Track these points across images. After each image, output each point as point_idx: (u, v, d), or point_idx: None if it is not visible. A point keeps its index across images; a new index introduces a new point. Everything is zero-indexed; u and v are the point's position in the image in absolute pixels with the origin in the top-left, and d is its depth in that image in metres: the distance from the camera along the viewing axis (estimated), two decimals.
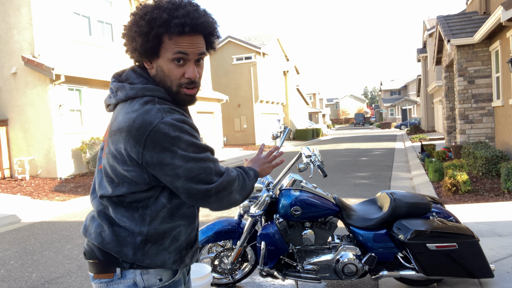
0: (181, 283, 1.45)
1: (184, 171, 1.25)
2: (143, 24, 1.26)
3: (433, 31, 23.35)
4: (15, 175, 11.37)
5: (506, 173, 6.61)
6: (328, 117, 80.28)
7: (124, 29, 1.34)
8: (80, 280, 4.11)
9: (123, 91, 1.32)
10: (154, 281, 1.34)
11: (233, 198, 1.37)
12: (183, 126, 1.26)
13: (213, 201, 1.32)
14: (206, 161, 1.30)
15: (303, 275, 3.17)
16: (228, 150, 21.35)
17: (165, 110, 1.27)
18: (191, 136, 1.27)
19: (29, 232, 6.36)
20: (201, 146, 1.30)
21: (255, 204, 3.20)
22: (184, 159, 1.25)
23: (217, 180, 1.32)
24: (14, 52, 11.19)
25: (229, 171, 1.38)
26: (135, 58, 1.36)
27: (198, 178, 1.28)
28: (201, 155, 1.29)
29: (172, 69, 1.30)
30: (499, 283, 3.15)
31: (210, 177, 1.30)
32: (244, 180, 1.43)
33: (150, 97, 1.30)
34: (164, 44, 1.28)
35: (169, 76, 1.31)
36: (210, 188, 1.29)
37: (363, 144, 22.78)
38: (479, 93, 11.17)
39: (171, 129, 1.22)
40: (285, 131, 3.45)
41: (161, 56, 1.29)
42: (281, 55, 32.34)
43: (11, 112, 11.53)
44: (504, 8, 7.91)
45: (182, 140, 1.24)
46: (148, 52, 1.29)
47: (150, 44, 1.27)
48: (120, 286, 1.32)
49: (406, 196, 3.18)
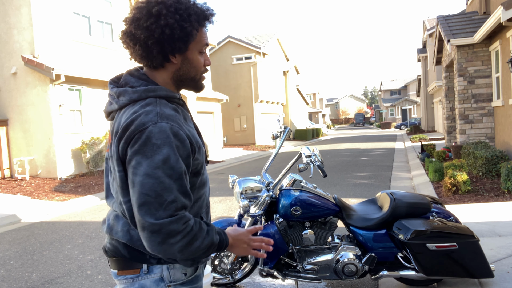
0: (201, 278, 1.50)
1: (139, 182, 1.20)
2: (178, 18, 1.29)
3: (433, 31, 23.35)
4: (15, 175, 11.37)
5: (506, 173, 6.61)
6: (328, 117, 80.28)
7: (147, 22, 1.29)
8: (80, 280, 4.11)
9: (126, 95, 1.33)
10: (180, 275, 1.37)
11: (169, 251, 1.22)
12: (170, 138, 1.22)
13: (144, 237, 1.21)
14: (167, 190, 1.20)
15: (303, 275, 3.17)
16: (228, 150, 21.35)
17: (164, 115, 1.26)
18: (173, 152, 1.21)
19: (29, 232, 6.36)
20: (176, 170, 1.22)
21: (255, 204, 3.20)
22: (147, 170, 1.20)
23: (160, 219, 1.18)
24: (14, 52, 11.19)
25: (184, 219, 1.22)
26: (156, 50, 1.31)
27: (143, 200, 1.19)
28: (166, 179, 1.20)
29: (198, 60, 1.38)
30: (499, 283, 3.15)
31: (156, 210, 1.19)
32: (195, 239, 1.24)
33: (152, 99, 1.31)
34: (194, 38, 1.34)
35: (195, 67, 1.38)
36: (145, 222, 1.19)
37: (363, 144, 22.78)
38: (479, 93, 11.17)
39: (157, 135, 1.21)
40: (285, 131, 3.45)
41: (189, 49, 1.35)
42: (281, 55, 32.34)
43: (11, 112, 11.53)
44: (504, 8, 7.91)
45: (159, 151, 1.20)
46: (177, 47, 1.32)
47: (183, 40, 1.31)
48: (147, 281, 1.34)
49: (406, 196, 3.18)
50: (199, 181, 1.40)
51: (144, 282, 1.34)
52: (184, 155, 1.26)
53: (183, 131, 1.27)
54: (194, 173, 1.36)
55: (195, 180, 1.38)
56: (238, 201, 3.21)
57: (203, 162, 1.39)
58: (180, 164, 1.23)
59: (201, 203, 1.44)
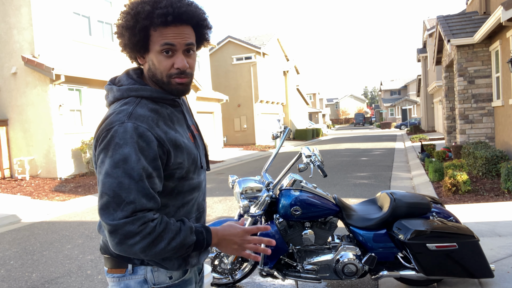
0: (191, 282, 1.44)
1: (101, 181, 1.20)
2: (129, 19, 1.27)
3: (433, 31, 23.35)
4: (15, 175, 11.37)
5: (506, 173, 6.61)
6: (328, 117, 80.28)
7: (116, 27, 1.34)
8: (80, 280, 4.11)
9: (111, 93, 1.34)
10: (164, 278, 1.35)
11: (129, 251, 1.19)
12: (133, 138, 1.20)
13: (106, 236, 1.19)
14: (125, 190, 1.17)
15: (303, 275, 3.17)
16: (228, 150, 21.35)
17: (135, 115, 1.24)
18: (134, 153, 1.19)
19: (29, 232, 6.36)
20: (137, 171, 1.18)
21: (255, 204, 3.20)
22: (108, 169, 1.19)
23: (116, 219, 1.16)
24: (14, 52, 11.19)
25: (141, 220, 1.18)
26: (128, 54, 1.35)
27: (103, 200, 1.19)
28: (126, 180, 1.17)
29: (161, 61, 1.29)
30: (499, 283, 3.15)
31: (113, 210, 1.17)
32: (159, 240, 1.20)
33: (133, 98, 1.30)
34: (152, 37, 1.28)
35: (159, 68, 1.30)
36: (103, 221, 1.18)
37: (363, 144, 22.78)
38: (479, 93, 11.17)
39: (121, 134, 1.20)
40: (285, 131, 3.45)
41: (150, 49, 1.29)
42: (281, 55, 32.34)
43: (11, 112, 11.53)
44: (504, 8, 7.91)
45: (120, 151, 1.18)
46: (138, 46, 1.30)
47: (138, 37, 1.27)
48: (131, 282, 1.34)
49: (406, 196, 3.18)
50: (187, 185, 1.36)
51: (128, 283, 1.34)
52: (150, 156, 1.21)
53: (152, 133, 1.23)
54: (179, 178, 1.32)
55: (180, 184, 1.34)
56: (238, 201, 3.21)
57: (189, 167, 1.34)
58: (143, 165, 1.20)
59: (189, 208, 1.40)
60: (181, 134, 1.34)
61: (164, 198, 1.32)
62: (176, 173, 1.31)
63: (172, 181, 1.31)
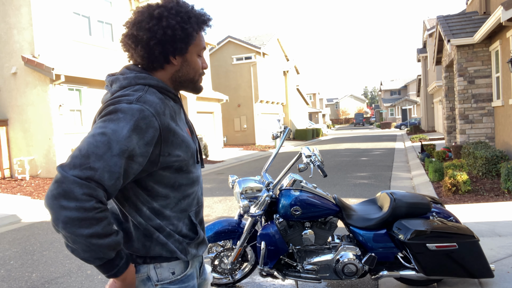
0: (194, 277, 1.47)
1: (84, 138, 1.20)
2: (179, 20, 1.34)
3: (433, 31, 23.35)
4: (15, 175, 11.37)
5: (506, 173, 6.61)
6: (328, 117, 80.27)
7: (149, 24, 1.33)
8: (80, 280, 4.12)
9: (117, 82, 1.35)
10: (167, 274, 1.37)
11: (55, 213, 1.11)
12: (134, 117, 1.21)
13: (51, 184, 1.15)
14: (95, 157, 1.14)
15: (303, 275, 3.17)
16: (228, 150, 21.35)
17: (143, 99, 1.26)
18: (128, 129, 1.19)
19: (29, 232, 6.36)
20: (120, 146, 1.17)
21: (255, 204, 3.20)
22: (95, 131, 1.19)
23: (69, 172, 1.12)
24: (14, 52, 11.19)
25: (89, 192, 1.12)
26: (158, 51, 1.34)
27: (74, 153, 1.16)
28: (103, 147, 1.15)
29: (196, 62, 1.44)
30: (499, 283, 3.15)
31: (73, 165, 1.13)
32: (87, 223, 1.12)
33: (141, 86, 1.33)
34: (194, 39, 1.40)
35: (194, 68, 1.43)
36: (58, 168, 1.14)
37: (363, 144, 22.78)
38: (479, 93, 11.17)
39: (124, 110, 1.22)
40: (285, 131, 3.45)
41: (189, 51, 1.41)
42: (281, 55, 32.34)
43: (11, 112, 11.53)
44: (504, 8, 7.91)
45: (116, 122, 1.19)
46: (181, 48, 1.37)
47: (185, 41, 1.36)
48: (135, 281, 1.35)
49: (406, 196, 3.18)
50: (186, 178, 1.40)
51: None
52: (144, 140, 1.22)
53: (157, 119, 1.25)
54: (177, 170, 1.35)
55: (180, 177, 1.37)
56: (238, 201, 3.21)
57: (188, 160, 1.38)
58: (130, 144, 1.19)
59: (190, 201, 1.44)
60: (181, 128, 1.39)
61: (166, 189, 1.35)
62: (177, 166, 1.34)
63: (170, 171, 1.34)
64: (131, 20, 1.36)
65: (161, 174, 1.32)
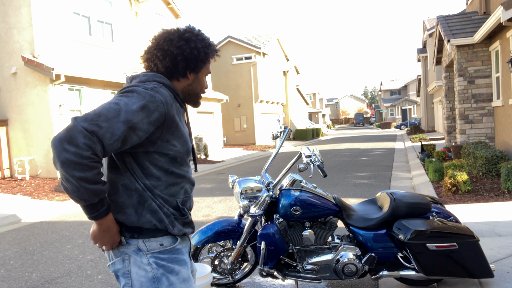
0: (184, 253, 1.65)
1: (101, 104, 1.44)
2: (203, 45, 1.67)
3: (433, 31, 23.35)
4: (15, 175, 11.37)
5: (506, 173, 6.61)
6: (328, 117, 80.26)
7: (179, 43, 1.62)
8: (80, 280, 4.11)
9: (137, 78, 1.61)
10: (156, 245, 1.57)
11: (58, 153, 1.32)
12: (146, 99, 1.46)
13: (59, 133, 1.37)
14: (104, 117, 1.37)
15: (303, 275, 3.17)
16: (228, 150, 21.35)
17: (157, 90, 1.53)
18: (138, 106, 1.43)
19: (29, 232, 6.36)
20: (127, 117, 1.40)
21: (255, 204, 3.20)
22: (111, 100, 1.44)
23: (79, 123, 1.33)
24: (14, 52, 11.19)
25: (89, 143, 1.32)
26: (182, 65, 1.63)
27: (89, 111, 1.40)
28: (113, 112, 1.39)
29: (204, 80, 1.76)
30: (499, 283, 3.15)
31: (85, 118, 1.36)
32: (80, 168, 1.33)
33: (157, 82, 1.58)
34: (208, 62, 1.73)
35: (201, 85, 1.76)
36: (72, 118, 1.35)
37: (363, 144, 22.78)
38: (479, 93, 11.17)
39: (139, 92, 1.47)
40: (285, 131, 3.45)
41: (200, 72, 1.72)
42: (281, 55, 32.33)
43: (11, 112, 11.53)
44: (504, 8, 7.91)
45: (129, 99, 1.44)
46: (197, 68, 1.69)
47: (203, 62, 1.69)
48: (128, 250, 1.57)
49: (406, 196, 3.18)
50: (177, 169, 1.61)
51: (126, 251, 1.57)
52: (149, 120, 1.45)
53: (164, 106, 1.50)
54: (172, 158, 1.58)
55: (173, 165, 1.59)
56: (238, 201, 3.21)
57: (183, 154, 1.60)
58: (136, 118, 1.42)
59: (178, 189, 1.63)
60: (183, 125, 1.64)
61: (159, 172, 1.56)
62: (170, 154, 1.56)
63: (166, 159, 1.56)
64: (162, 37, 1.64)
65: (157, 158, 1.55)
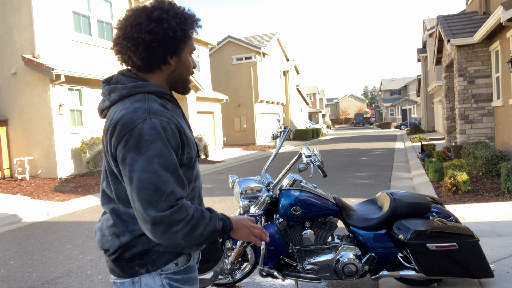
0: (195, 269, 1.53)
1: (138, 178, 1.24)
2: (178, 21, 1.37)
3: (433, 31, 23.35)
4: (15, 175, 11.37)
5: (506, 173, 6.61)
6: (328, 117, 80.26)
7: (150, 26, 1.34)
8: (80, 280, 4.11)
9: (117, 91, 1.38)
10: (171, 266, 1.44)
11: (173, 239, 1.27)
12: (161, 133, 1.27)
13: (147, 229, 1.26)
14: (165, 182, 1.25)
15: (303, 275, 3.17)
16: (228, 150, 21.35)
17: (153, 110, 1.30)
18: (165, 146, 1.27)
19: (29, 232, 6.36)
20: (171, 163, 1.27)
21: (255, 204, 3.20)
22: (144, 165, 1.24)
23: (161, 211, 1.24)
24: (14, 52, 11.19)
25: (184, 208, 1.27)
26: (159, 52, 1.36)
27: (144, 195, 1.24)
28: (163, 172, 1.25)
29: (189, 61, 1.47)
30: (499, 283, 3.15)
31: (156, 202, 1.24)
32: (197, 226, 1.30)
33: (141, 94, 1.36)
34: (188, 43, 1.43)
35: (187, 68, 1.47)
36: (147, 215, 1.23)
37: (363, 144, 22.78)
38: (479, 93, 11.17)
39: (148, 131, 1.26)
40: (285, 131, 3.45)
41: (183, 53, 1.44)
42: (281, 55, 32.33)
43: (11, 112, 11.53)
44: (504, 8, 7.91)
45: (152, 147, 1.25)
46: (178, 49, 1.40)
47: (183, 42, 1.40)
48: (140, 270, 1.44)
49: (406, 196, 3.18)
50: (191, 174, 1.47)
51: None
52: (175, 147, 1.32)
53: (173, 124, 1.32)
54: (187, 166, 1.42)
55: (189, 172, 1.44)
56: (238, 201, 3.21)
57: (195, 156, 1.46)
58: (174, 157, 1.29)
59: (193, 194, 1.50)
60: (184, 125, 1.44)
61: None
62: (188, 163, 1.42)
63: (183, 169, 1.41)
64: (128, 23, 1.35)
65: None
